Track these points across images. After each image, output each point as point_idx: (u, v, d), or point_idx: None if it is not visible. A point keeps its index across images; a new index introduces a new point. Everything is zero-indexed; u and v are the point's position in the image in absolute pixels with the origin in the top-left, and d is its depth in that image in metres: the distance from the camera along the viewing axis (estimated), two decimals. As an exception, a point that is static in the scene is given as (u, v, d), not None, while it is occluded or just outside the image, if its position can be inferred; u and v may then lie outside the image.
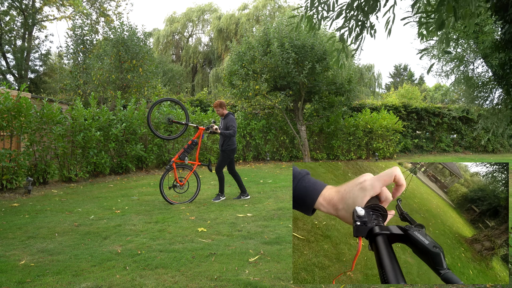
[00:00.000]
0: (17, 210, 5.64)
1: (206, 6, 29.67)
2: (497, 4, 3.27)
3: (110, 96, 12.65)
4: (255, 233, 4.34)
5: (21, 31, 21.92)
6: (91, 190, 7.51)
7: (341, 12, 2.77)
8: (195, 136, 6.29)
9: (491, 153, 17.48)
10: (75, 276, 3.07)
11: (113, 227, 4.64)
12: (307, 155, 12.54)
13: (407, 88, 24.61)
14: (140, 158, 10.06)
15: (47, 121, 7.80)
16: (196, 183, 6.39)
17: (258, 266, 3.27)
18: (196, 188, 6.36)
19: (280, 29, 11.64)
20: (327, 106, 12.72)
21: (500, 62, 3.75)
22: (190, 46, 29.60)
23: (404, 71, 45.61)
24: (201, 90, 21.90)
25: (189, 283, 2.92)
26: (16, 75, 21.82)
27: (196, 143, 6.20)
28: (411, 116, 17.08)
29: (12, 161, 6.97)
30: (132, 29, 12.87)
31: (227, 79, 12.79)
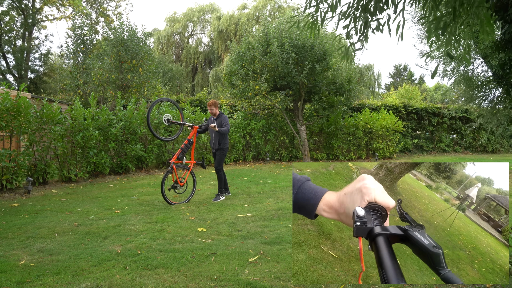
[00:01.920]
0: (17, 210, 5.64)
1: (206, 6, 29.68)
2: (497, 4, 3.27)
3: (110, 96, 12.65)
4: (255, 233, 4.34)
5: (21, 31, 21.91)
6: (91, 190, 7.51)
7: (347, 12, 2.79)
8: (190, 135, 6.29)
9: (491, 153, 17.48)
10: (75, 276, 3.07)
11: (113, 227, 4.64)
12: (307, 155, 12.54)
13: (407, 88, 24.61)
14: (140, 158, 10.07)
15: (46, 121, 7.80)
16: (193, 182, 6.47)
17: (258, 266, 3.27)
18: (193, 187, 6.45)
19: (280, 29, 11.64)
20: (327, 106, 12.72)
21: (500, 62, 3.75)
22: (191, 46, 29.60)
23: (404, 71, 45.60)
24: (201, 90, 21.90)
25: (189, 283, 2.92)
26: (16, 75, 21.81)
27: (191, 142, 6.26)
28: (411, 116, 17.08)
29: (12, 161, 6.97)
30: (132, 29, 12.87)
31: (227, 79, 12.79)
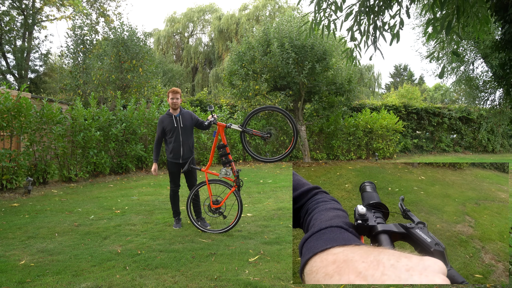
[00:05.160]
0: (17, 210, 5.63)
1: (206, 7, 29.71)
2: (497, 4, 3.27)
3: (110, 96, 12.65)
4: (255, 233, 4.34)
5: (21, 31, 21.90)
6: (91, 190, 7.50)
7: (351, 13, 2.80)
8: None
9: (491, 153, 17.48)
10: (75, 276, 3.06)
11: (113, 227, 4.63)
12: (307, 155, 12.54)
13: (407, 88, 24.61)
14: (140, 158, 10.06)
15: (47, 121, 7.79)
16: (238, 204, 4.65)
17: (258, 266, 3.26)
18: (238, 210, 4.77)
19: (280, 29, 11.64)
20: (327, 106, 12.71)
21: (500, 62, 3.75)
22: (191, 46, 29.61)
23: (404, 71, 45.62)
24: (201, 90, 21.89)
25: (189, 283, 2.92)
26: (16, 75, 21.81)
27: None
28: (411, 116, 17.08)
29: (12, 161, 6.96)
30: (132, 29, 12.87)
31: (227, 79, 12.79)
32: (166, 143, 4.64)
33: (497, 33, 7.48)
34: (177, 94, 4.59)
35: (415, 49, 43.64)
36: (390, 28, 2.83)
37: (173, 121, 4.57)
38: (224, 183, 4.43)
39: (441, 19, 2.36)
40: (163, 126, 4.57)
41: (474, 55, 9.46)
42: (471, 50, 9.43)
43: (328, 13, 2.92)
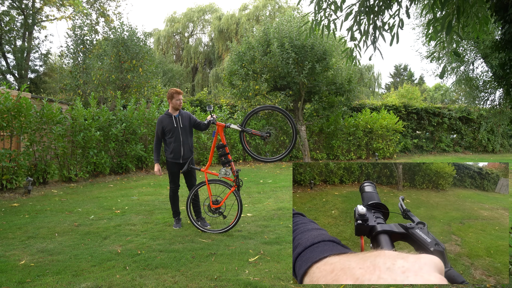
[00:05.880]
0: (17, 210, 5.63)
1: (206, 7, 29.71)
2: (497, 4, 3.27)
3: (110, 96, 12.64)
4: (255, 233, 4.34)
5: (21, 31, 21.91)
6: (91, 190, 7.50)
7: (351, 13, 2.81)
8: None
9: (491, 153, 17.47)
10: (75, 276, 3.06)
11: (113, 227, 4.63)
12: (307, 155, 12.54)
13: (407, 88, 24.60)
14: (140, 158, 10.06)
15: (47, 121, 7.79)
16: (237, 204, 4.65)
17: (258, 266, 3.26)
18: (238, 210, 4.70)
19: (280, 29, 11.64)
20: (327, 106, 12.71)
21: (500, 62, 3.75)
22: (191, 46, 29.61)
23: (404, 71, 45.62)
24: (201, 90, 21.89)
25: (189, 283, 2.92)
26: (16, 75, 21.81)
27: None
28: (411, 116, 17.08)
29: (12, 161, 6.96)
30: (132, 29, 12.86)
31: (227, 79, 12.79)
32: (166, 144, 4.64)
33: (497, 33, 7.48)
34: (181, 95, 4.65)
35: (415, 49, 43.70)
36: (390, 28, 2.84)
37: (173, 121, 4.58)
38: (223, 183, 4.43)
39: (441, 19, 2.37)
40: (163, 126, 4.58)
41: (474, 55, 9.47)
42: (471, 50, 9.44)
43: (328, 13, 2.92)
